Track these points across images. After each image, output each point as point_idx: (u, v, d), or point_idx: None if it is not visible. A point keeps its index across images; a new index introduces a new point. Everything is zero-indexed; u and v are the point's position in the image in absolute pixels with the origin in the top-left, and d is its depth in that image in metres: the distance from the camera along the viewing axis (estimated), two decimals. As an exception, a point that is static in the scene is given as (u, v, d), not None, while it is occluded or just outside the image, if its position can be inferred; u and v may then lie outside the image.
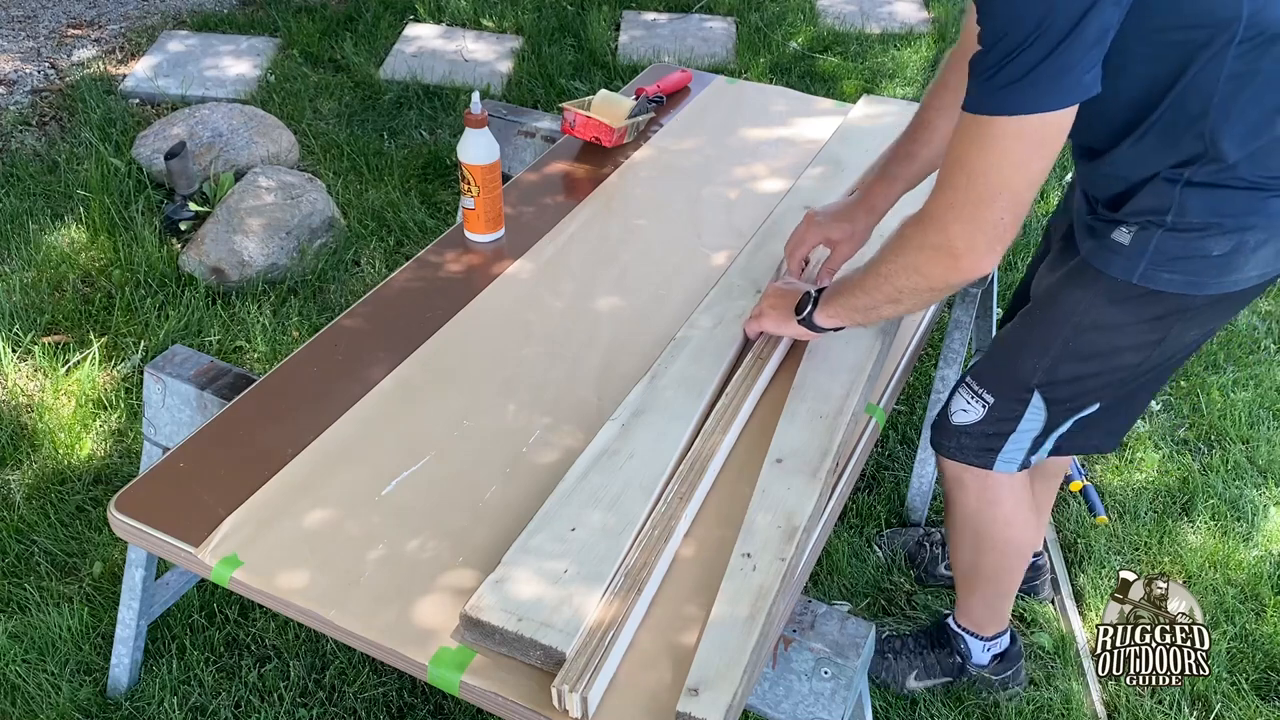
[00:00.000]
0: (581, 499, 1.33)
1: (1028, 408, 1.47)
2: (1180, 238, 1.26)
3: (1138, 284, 1.30)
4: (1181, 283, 1.28)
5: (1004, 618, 1.80)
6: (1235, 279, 1.28)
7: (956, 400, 1.56)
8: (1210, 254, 1.25)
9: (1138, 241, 1.28)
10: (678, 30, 4.09)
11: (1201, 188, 1.23)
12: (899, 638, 1.89)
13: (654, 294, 1.75)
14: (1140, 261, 1.29)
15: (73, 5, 4.12)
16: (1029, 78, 1.06)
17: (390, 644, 1.19)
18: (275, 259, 2.75)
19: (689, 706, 1.10)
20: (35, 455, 2.24)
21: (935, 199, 1.19)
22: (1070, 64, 1.06)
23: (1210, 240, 1.25)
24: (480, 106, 1.79)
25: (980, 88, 1.10)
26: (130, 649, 1.76)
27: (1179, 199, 1.24)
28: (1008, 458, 1.53)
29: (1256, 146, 1.21)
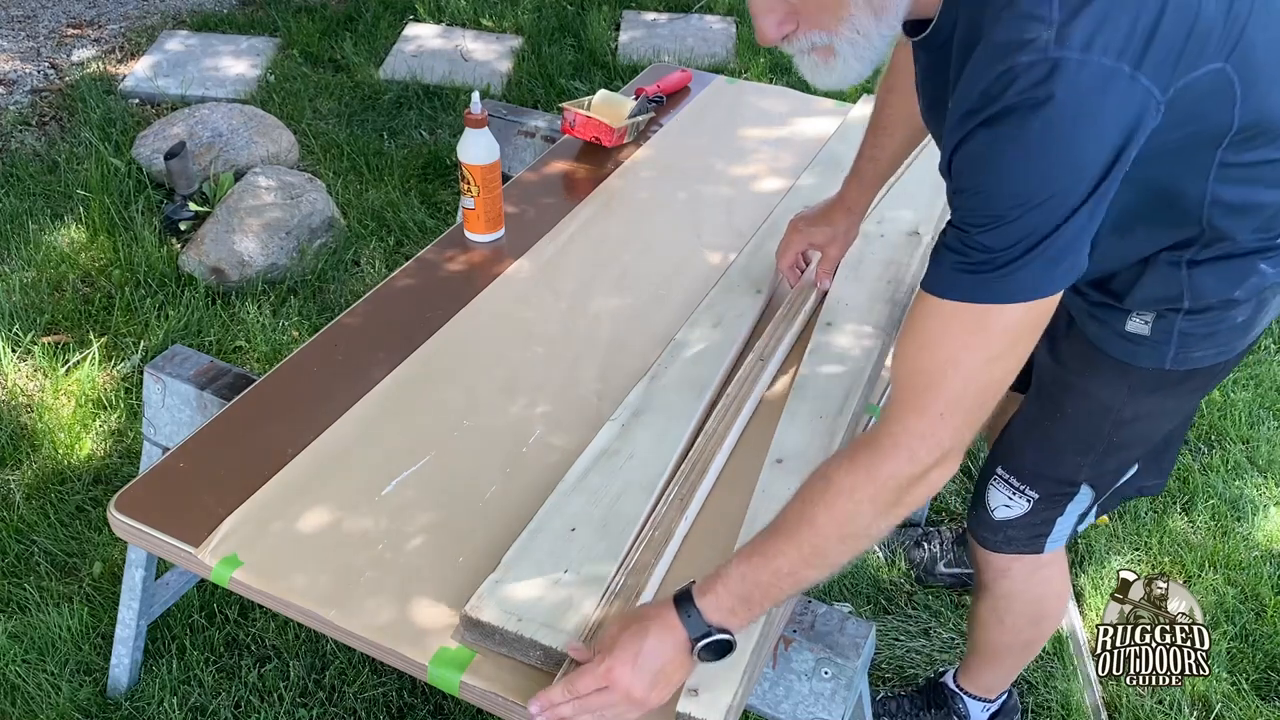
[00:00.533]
0: (581, 499, 1.33)
1: (1074, 498, 1.42)
2: (1202, 318, 1.20)
3: (1169, 369, 1.24)
4: (1214, 354, 1.24)
5: (1010, 681, 1.76)
6: (1260, 330, 1.27)
7: (995, 495, 1.45)
8: (1235, 321, 1.21)
9: (1159, 330, 1.22)
10: (678, 30, 4.09)
11: (1208, 265, 1.17)
12: (894, 699, 1.83)
13: (654, 294, 1.75)
14: (1168, 348, 1.23)
15: (73, 5, 4.12)
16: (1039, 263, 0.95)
17: (390, 644, 1.19)
18: (275, 259, 2.75)
19: (689, 707, 1.10)
20: (35, 455, 2.24)
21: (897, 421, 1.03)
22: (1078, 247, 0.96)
23: (1232, 311, 1.20)
24: (480, 106, 1.79)
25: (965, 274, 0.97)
26: (130, 649, 1.76)
27: (1189, 282, 1.17)
28: (1057, 537, 1.47)
29: (1259, 220, 1.15)
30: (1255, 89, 1.02)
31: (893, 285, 1.71)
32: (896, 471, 1.03)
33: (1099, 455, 1.36)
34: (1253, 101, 1.03)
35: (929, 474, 1.03)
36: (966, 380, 1.00)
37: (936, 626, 2.00)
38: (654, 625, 1.08)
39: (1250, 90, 1.02)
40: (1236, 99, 1.01)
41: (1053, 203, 0.94)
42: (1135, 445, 1.37)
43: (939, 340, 1.00)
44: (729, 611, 1.08)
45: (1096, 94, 0.91)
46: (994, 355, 0.99)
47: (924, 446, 1.02)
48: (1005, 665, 1.71)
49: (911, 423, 1.02)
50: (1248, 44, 1.00)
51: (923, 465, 1.03)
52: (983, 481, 1.49)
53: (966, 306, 0.98)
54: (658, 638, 1.08)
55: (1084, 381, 1.33)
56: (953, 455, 1.04)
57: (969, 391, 1.00)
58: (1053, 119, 0.91)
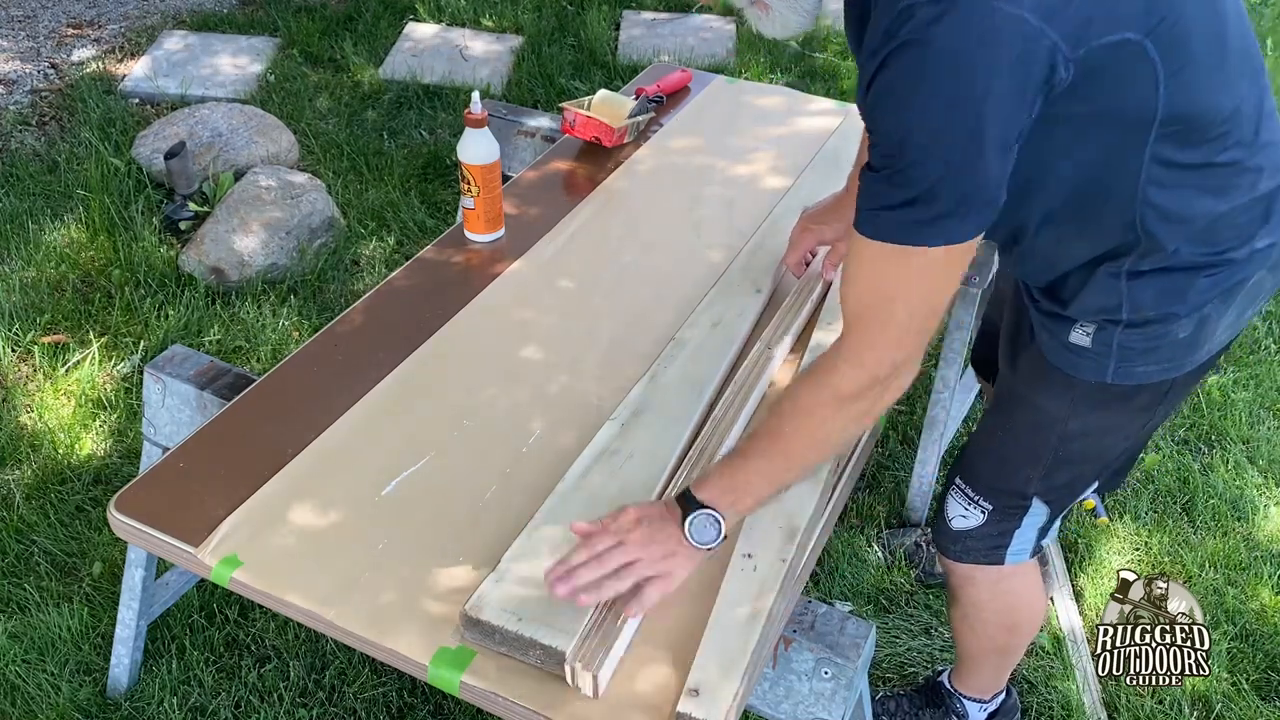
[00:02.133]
0: (581, 499, 1.33)
1: (1028, 511, 1.42)
2: (1141, 332, 1.20)
3: (1113, 384, 1.24)
4: (1158, 371, 1.23)
5: (1004, 681, 1.75)
6: (1208, 349, 1.24)
7: (952, 505, 1.47)
8: (1178, 337, 1.20)
9: (1099, 342, 1.22)
10: (678, 30, 4.09)
11: (1147, 277, 1.16)
12: (893, 697, 1.84)
13: (654, 294, 1.75)
14: (1109, 361, 1.22)
15: (73, 5, 4.12)
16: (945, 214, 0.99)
17: (390, 644, 1.19)
18: (275, 259, 2.75)
19: (689, 707, 1.10)
20: (35, 455, 2.24)
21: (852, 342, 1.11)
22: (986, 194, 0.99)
23: (1173, 326, 1.19)
24: (480, 106, 1.79)
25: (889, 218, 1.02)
26: (130, 649, 1.76)
27: (1127, 293, 1.17)
28: (1017, 550, 1.46)
29: (1194, 230, 1.14)
30: (1183, 78, 1.02)
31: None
32: (857, 387, 1.11)
33: (1047, 469, 1.36)
34: (1180, 91, 1.03)
35: (888, 383, 1.11)
36: (910, 310, 1.07)
37: (938, 625, 2.00)
38: (656, 509, 1.23)
39: (1176, 77, 1.02)
40: (1159, 81, 1.01)
41: (952, 138, 0.95)
42: (1086, 461, 1.36)
43: (876, 277, 1.06)
44: (717, 497, 1.20)
45: (993, 32, 0.92)
46: (930, 286, 1.05)
47: (879, 364, 1.10)
48: (987, 669, 1.71)
49: (865, 348, 1.10)
50: (1180, 30, 1.00)
51: (879, 378, 1.10)
52: (943, 490, 1.50)
53: (892, 246, 1.02)
54: (658, 512, 1.22)
55: (1033, 394, 1.34)
56: (906, 365, 1.11)
57: (914, 318, 1.07)
58: (945, 52, 0.92)
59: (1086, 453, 1.35)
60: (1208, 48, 1.05)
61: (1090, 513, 2.24)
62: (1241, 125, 1.11)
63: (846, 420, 1.15)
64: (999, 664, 1.70)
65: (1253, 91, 1.12)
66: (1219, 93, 1.07)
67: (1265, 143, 1.15)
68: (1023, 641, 1.64)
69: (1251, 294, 1.22)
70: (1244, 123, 1.11)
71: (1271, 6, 4.54)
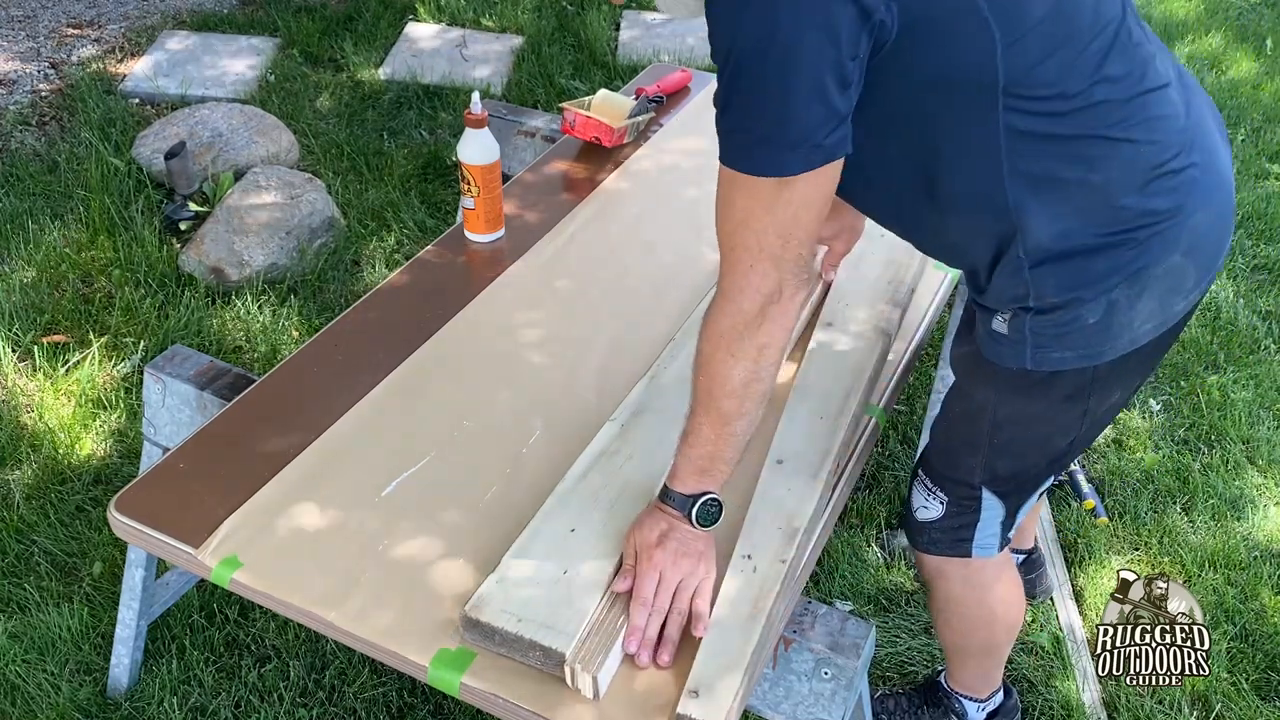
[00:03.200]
0: (581, 499, 1.33)
1: (981, 503, 1.42)
2: (1049, 317, 1.20)
3: (1033, 370, 1.24)
4: (1075, 358, 1.22)
5: (997, 679, 1.75)
6: (1129, 338, 1.22)
7: (915, 496, 1.49)
8: (1087, 322, 1.20)
9: (1014, 329, 1.23)
10: (678, 30, 4.09)
11: (1047, 264, 1.17)
12: (893, 696, 1.83)
13: (654, 294, 1.75)
14: (1025, 348, 1.23)
15: (73, 5, 4.12)
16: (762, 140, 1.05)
17: (390, 645, 1.19)
18: (275, 259, 2.75)
19: (689, 708, 1.10)
20: (35, 455, 2.24)
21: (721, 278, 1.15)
22: (805, 127, 1.03)
23: (1080, 310, 1.19)
24: (480, 106, 1.79)
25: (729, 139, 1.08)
26: (130, 649, 1.76)
27: (1031, 281, 1.19)
28: (982, 544, 1.46)
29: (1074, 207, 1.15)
30: (1022, 47, 1.06)
31: (893, 285, 1.71)
32: (734, 321, 1.15)
33: (987, 458, 1.37)
34: (1019, 59, 1.07)
35: (766, 311, 1.13)
36: (759, 234, 1.09)
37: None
38: (650, 518, 1.25)
39: (1014, 47, 1.06)
40: (997, 48, 1.05)
41: (764, 60, 1.01)
42: (1024, 453, 1.37)
43: (728, 202, 1.11)
44: (697, 481, 1.24)
45: None
46: (775, 218, 1.08)
47: (745, 295, 1.13)
48: (973, 666, 1.71)
49: (728, 279, 1.14)
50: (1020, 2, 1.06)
51: (753, 309, 1.13)
52: (910, 481, 1.53)
53: (733, 173, 1.08)
54: (665, 522, 1.24)
55: (967, 383, 1.38)
56: (779, 294, 1.13)
57: (765, 243, 1.10)
58: None
59: (1020, 442, 1.36)
60: (1053, 26, 1.08)
61: (1090, 513, 2.24)
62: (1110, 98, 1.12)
63: (744, 361, 1.16)
64: (984, 662, 1.69)
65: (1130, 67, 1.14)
66: (1070, 67, 1.10)
67: (1155, 116, 1.15)
68: (1003, 639, 1.63)
69: (1170, 282, 1.20)
70: (1114, 95, 1.12)
71: (1272, 7, 4.55)
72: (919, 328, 1.73)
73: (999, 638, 1.62)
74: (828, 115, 1.04)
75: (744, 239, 1.11)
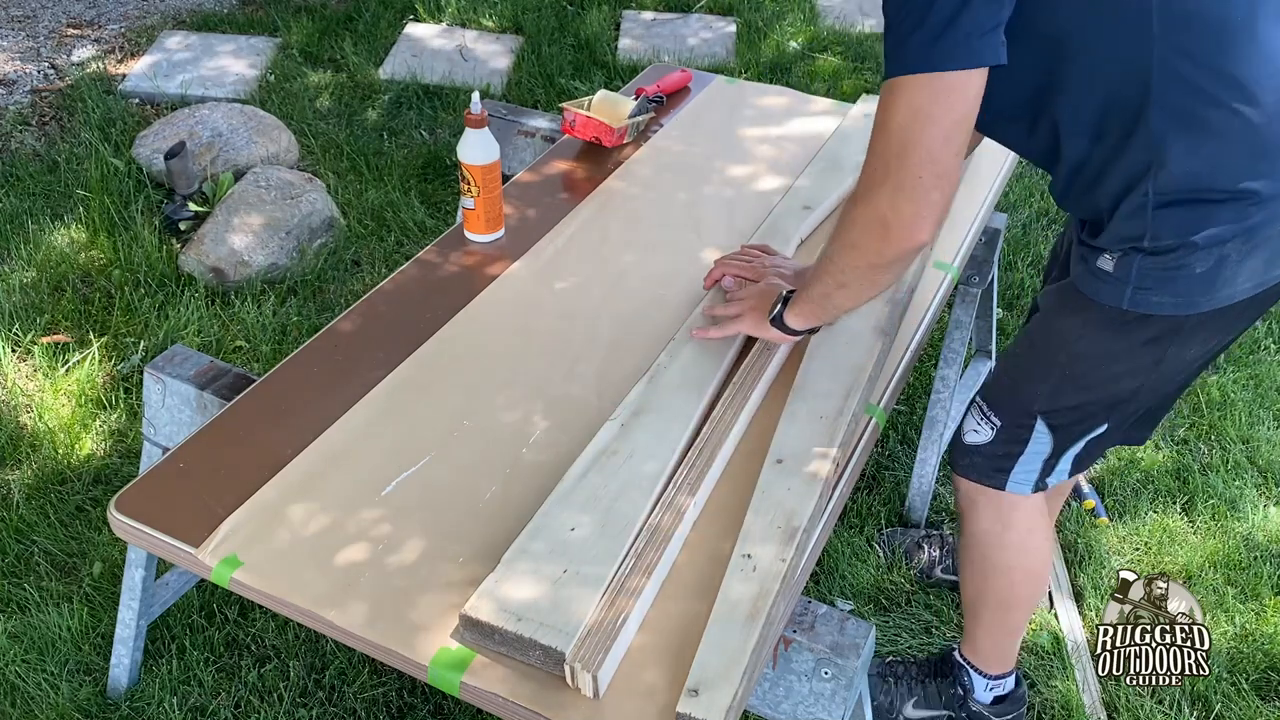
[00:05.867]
0: (581, 499, 1.33)
1: (1033, 433, 1.47)
2: (1160, 260, 1.25)
3: (1128, 309, 1.29)
4: (1171, 304, 1.27)
5: (1010, 658, 1.75)
6: (1227, 293, 1.26)
7: (969, 420, 1.56)
8: (1194, 271, 1.24)
9: (1121, 267, 1.28)
10: (678, 30, 4.09)
11: (1171, 207, 1.23)
12: (902, 663, 1.85)
13: (654, 294, 1.75)
14: (1126, 287, 1.28)
15: (72, 5, 4.12)
16: (920, 39, 1.12)
17: (390, 644, 1.19)
18: (275, 259, 2.75)
19: (689, 707, 1.10)
20: (35, 455, 2.24)
21: (862, 173, 1.24)
22: (961, 28, 1.11)
23: (1190, 258, 1.24)
24: (480, 106, 1.79)
25: (886, 57, 1.17)
26: (130, 649, 1.76)
27: (1151, 222, 1.24)
28: (1019, 479, 1.52)
29: (1210, 152, 1.20)
30: None
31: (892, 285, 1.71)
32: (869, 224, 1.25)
33: (1053, 386, 1.43)
34: None
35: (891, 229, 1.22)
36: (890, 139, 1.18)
37: (938, 625, 2.00)
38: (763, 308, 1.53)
39: None
40: None
41: None
42: (1091, 388, 1.41)
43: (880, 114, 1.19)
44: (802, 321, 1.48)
45: None
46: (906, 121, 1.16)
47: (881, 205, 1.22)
48: (987, 624, 1.71)
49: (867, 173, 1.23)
50: None
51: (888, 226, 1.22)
52: (966, 408, 1.58)
53: (891, 81, 1.16)
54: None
55: (1053, 316, 1.44)
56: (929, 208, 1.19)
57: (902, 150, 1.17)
58: None
59: (1092, 377, 1.40)
60: None
61: (1090, 513, 2.24)
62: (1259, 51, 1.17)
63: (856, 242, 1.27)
64: (1000, 622, 1.69)
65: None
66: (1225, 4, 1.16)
67: None
68: (1021, 594, 1.64)
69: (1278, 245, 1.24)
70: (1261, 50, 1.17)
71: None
72: (919, 328, 1.73)
73: (1017, 591, 1.63)
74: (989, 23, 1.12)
75: (884, 142, 1.17)
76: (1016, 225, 3.09)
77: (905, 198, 1.18)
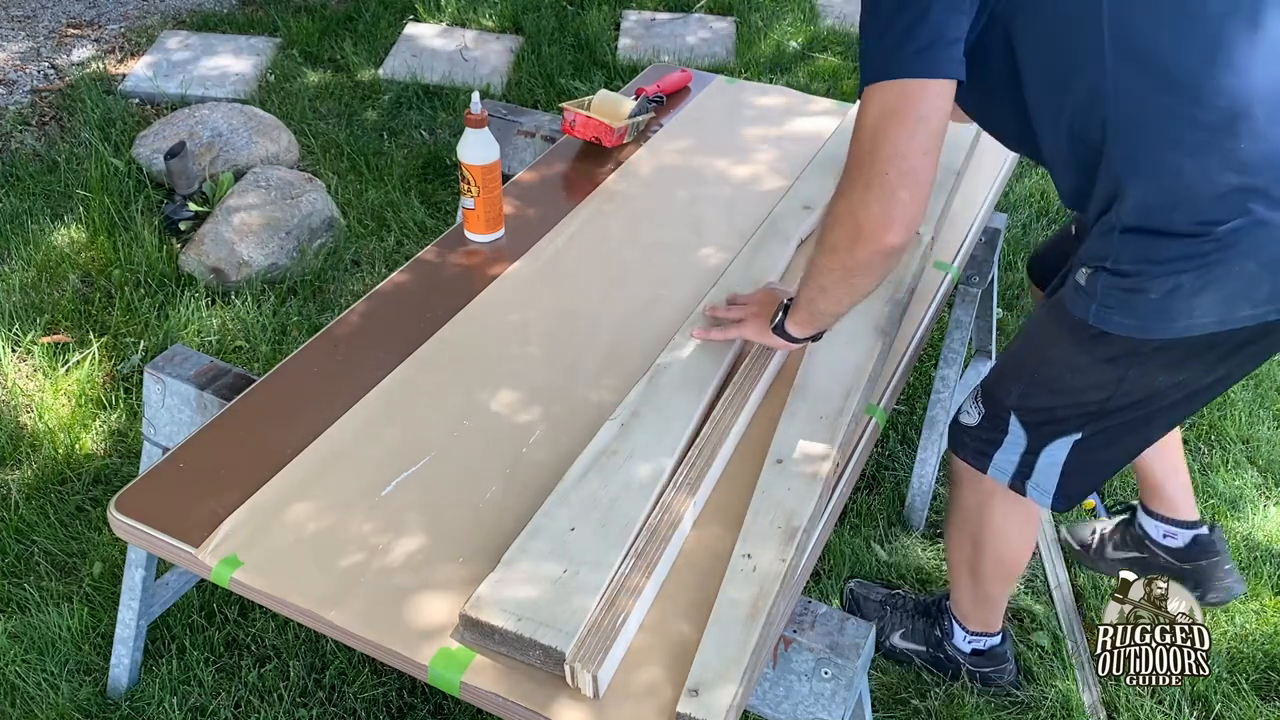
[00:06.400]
0: (581, 499, 1.33)
1: (1008, 426, 1.53)
2: (1120, 281, 1.30)
3: (1092, 324, 1.34)
4: (1128, 325, 1.31)
5: (987, 623, 1.83)
6: (1185, 324, 1.28)
7: (966, 402, 1.63)
8: (1149, 296, 1.28)
9: (1090, 282, 1.33)
10: (678, 30, 4.09)
11: (1133, 234, 1.27)
12: (904, 597, 1.96)
13: (654, 294, 1.75)
14: (1093, 303, 1.33)
15: (72, 5, 4.12)
16: (883, 50, 1.22)
17: (390, 644, 1.19)
18: (275, 259, 2.75)
19: (689, 707, 1.10)
20: (35, 455, 2.24)
21: (841, 177, 1.29)
22: (917, 41, 1.20)
23: (1147, 284, 1.28)
24: (480, 106, 1.79)
25: (860, 66, 1.25)
26: (130, 649, 1.76)
27: (1116, 244, 1.29)
28: (1000, 467, 1.57)
29: (1167, 189, 1.24)
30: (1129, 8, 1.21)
31: (892, 285, 1.71)
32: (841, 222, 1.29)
33: (1025, 387, 1.50)
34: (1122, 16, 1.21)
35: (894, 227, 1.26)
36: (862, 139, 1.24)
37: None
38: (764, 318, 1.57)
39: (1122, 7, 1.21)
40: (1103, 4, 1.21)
41: None
42: (1058, 394, 1.46)
43: (860, 118, 1.26)
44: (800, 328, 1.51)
45: None
46: (875, 121, 1.23)
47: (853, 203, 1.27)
48: (962, 586, 1.80)
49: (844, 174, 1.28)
50: None
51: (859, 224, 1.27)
52: None
53: (865, 89, 1.24)
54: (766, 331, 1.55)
55: (1037, 319, 1.52)
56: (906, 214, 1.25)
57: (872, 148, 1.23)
58: None
59: (1058, 384, 1.45)
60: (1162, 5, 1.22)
61: (1090, 513, 2.24)
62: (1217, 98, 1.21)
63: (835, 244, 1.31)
64: (971, 588, 1.78)
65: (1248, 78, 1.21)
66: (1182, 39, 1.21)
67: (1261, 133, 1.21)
68: (989, 572, 1.72)
69: (1237, 285, 1.25)
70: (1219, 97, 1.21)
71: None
72: (919, 328, 1.73)
73: (985, 568, 1.72)
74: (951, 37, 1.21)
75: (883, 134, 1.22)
76: (1016, 225, 3.09)
77: (874, 195, 1.23)
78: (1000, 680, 1.87)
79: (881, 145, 1.22)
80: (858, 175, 1.25)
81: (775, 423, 1.47)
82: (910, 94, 1.21)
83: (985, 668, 1.86)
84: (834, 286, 1.37)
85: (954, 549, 1.76)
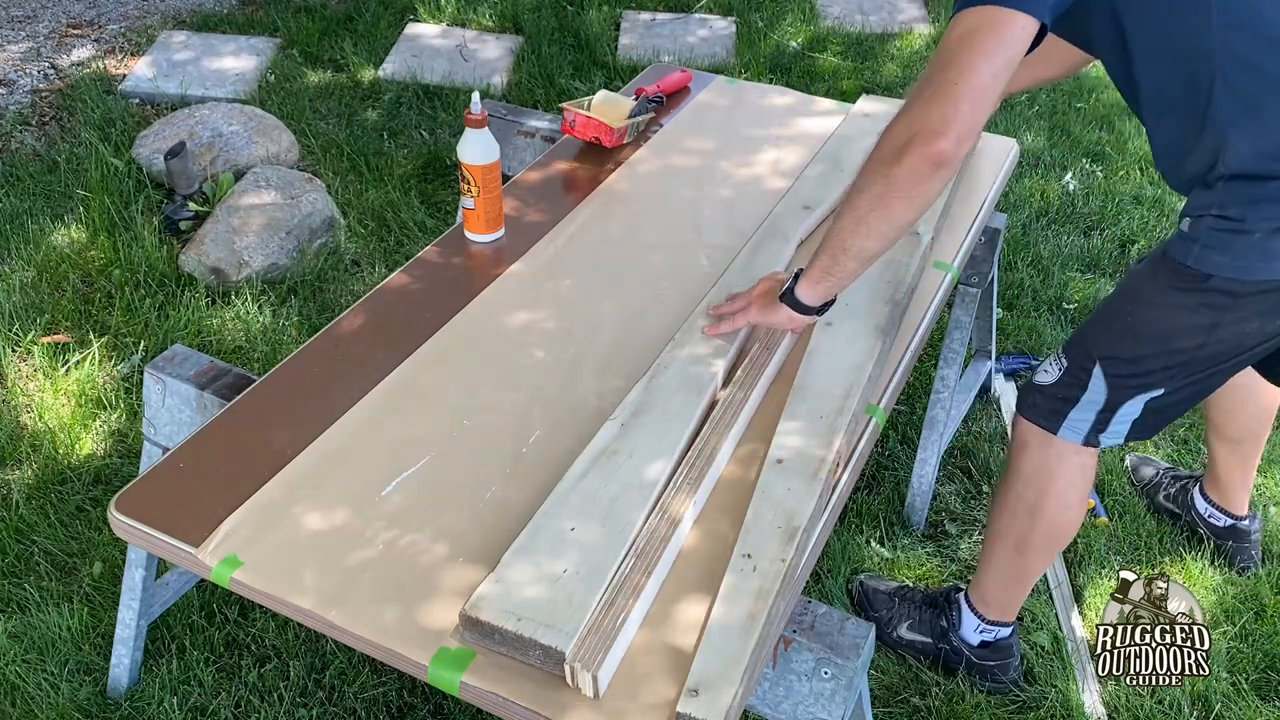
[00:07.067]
0: (581, 499, 1.33)
1: (1090, 378, 1.56)
2: (1224, 223, 1.38)
3: (1192, 267, 1.41)
4: (1229, 266, 1.38)
5: (1009, 607, 1.83)
6: None
7: (1046, 362, 1.66)
8: (1252, 235, 1.36)
9: (1194, 228, 1.42)
10: (678, 30, 4.09)
11: (1238, 180, 1.36)
12: (913, 589, 1.97)
13: (654, 294, 1.75)
14: (1195, 245, 1.41)
15: (72, 5, 4.12)
16: None
17: (390, 644, 1.19)
18: (275, 259, 2.75)
19: (689, 707, 1.10)
20: (35, 455, 2.24)
21: (907, 99, 1.33)
22: None
23: (1251, 225, 1.36)
24: (480, 106, 1.79)
25: None
26: (130, 649, 1.76)
27: (1219, 192, 1.38)
28: (1072, 426, 1.60)
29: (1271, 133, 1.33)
30: None
31: (892, 285, 1.71)
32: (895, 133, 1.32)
33: (1116, 334, 1.54)
34: None
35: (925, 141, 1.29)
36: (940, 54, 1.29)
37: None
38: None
39: None
40: None
41: None
42: (1148, 340, 1.50)
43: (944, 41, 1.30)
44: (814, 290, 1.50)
45: None
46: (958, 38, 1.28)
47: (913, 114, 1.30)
48: (997, 564, 1.78)
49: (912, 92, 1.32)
50: None
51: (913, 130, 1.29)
52: None
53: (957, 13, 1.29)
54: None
55: (1135, 272, 1.56)
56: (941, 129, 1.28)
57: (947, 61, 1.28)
58: None
59: (1150, 326, 1.50)
60: None
61: (1090, 513, 2.24)
62: None
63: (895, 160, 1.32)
64: (1011, 565, 1.76)
65: None
66: None
67: None
68: (1039, 543, 1.71)
69: None
70: None
71: None
72: (919, 328, 1.73)
73: (1036, 537, 1.70)
74: None
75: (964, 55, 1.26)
76: (1016, 225, 3.09)
77: (937, 102, 1.27)
78: (1003, 676, 1.86)
79: (958, 58, 1.26)
80: (924, 88, 1.29)
81: (775, 423, 1.47)
82: (999, 20, 1.25)
83: (990, 661, 1.86)
84: (870, 212, 1.36)
85: (1003, 520, 1.74)
